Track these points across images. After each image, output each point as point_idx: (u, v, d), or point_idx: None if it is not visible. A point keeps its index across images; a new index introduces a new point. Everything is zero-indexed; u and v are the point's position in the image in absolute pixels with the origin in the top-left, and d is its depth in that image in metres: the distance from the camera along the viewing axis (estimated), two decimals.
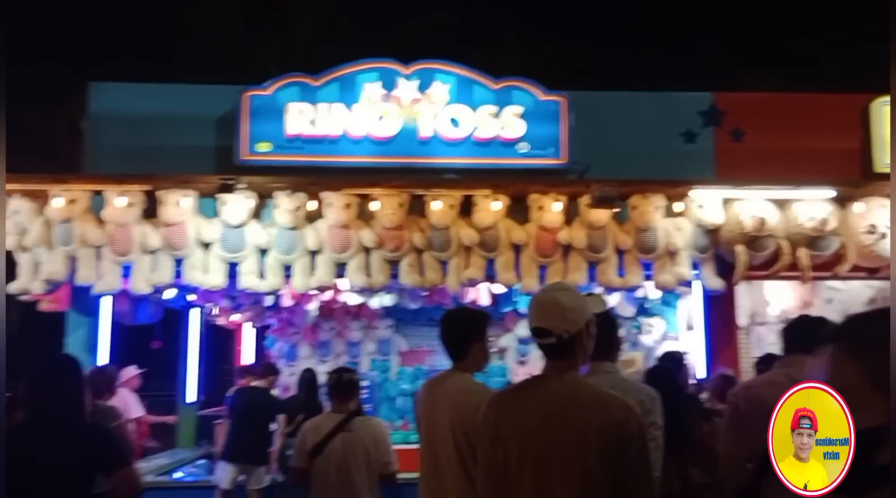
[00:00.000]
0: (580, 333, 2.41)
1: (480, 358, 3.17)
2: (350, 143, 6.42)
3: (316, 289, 6.62)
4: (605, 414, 2.32)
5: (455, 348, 3.13)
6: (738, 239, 6.34)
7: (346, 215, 6.36)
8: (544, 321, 2.39)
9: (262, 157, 6.35)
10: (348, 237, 6.39)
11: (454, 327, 3.19)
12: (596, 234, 6.42)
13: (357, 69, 6.58)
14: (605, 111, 6.68)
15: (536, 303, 2.47)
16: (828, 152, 6.50)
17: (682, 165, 6.55)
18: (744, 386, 3.46)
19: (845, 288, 8.13)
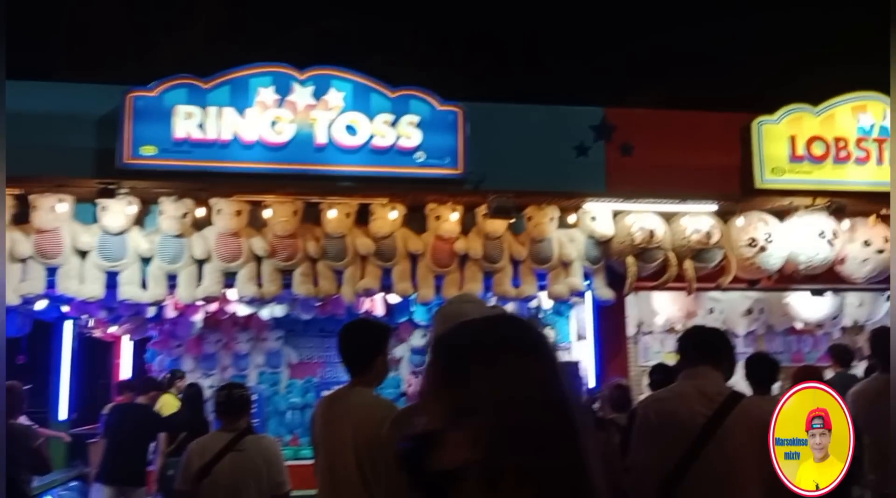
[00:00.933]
0: None
1: (383, 371, 3.07)
2: (241, 148, 6.18)
3: (202, 299, 6.34)
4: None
5: (357, 361, 3.01)
6: (629, 251, 6.49)
7: (237, 223, 6.13)
8: None
9: (147, 161, 6.02)
10: (238, 245, 6.15)
11: (356, 340, 3.07)
12: (492, 245, 6.44)
13: (250, 72, 6.34)
14: (500, 123, 6.70)
15: (443, 315, 2.39)
16: (711, 168, 6.75)
17: (575, 178, 6.65)
18: (654, 398, 3.49)
19: (725, 298, 8.51)
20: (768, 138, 6.65)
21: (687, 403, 3.17)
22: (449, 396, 1.17)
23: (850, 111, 6.73)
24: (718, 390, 3.19)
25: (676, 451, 3.10)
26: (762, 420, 3.15)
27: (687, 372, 3.35)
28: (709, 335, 3.46)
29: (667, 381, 5.03)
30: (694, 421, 3.11)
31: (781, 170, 6.62)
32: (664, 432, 3.17)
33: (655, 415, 3.22)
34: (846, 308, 8.37)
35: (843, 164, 6.65)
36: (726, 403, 3.13)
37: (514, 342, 1.20)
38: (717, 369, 3.28)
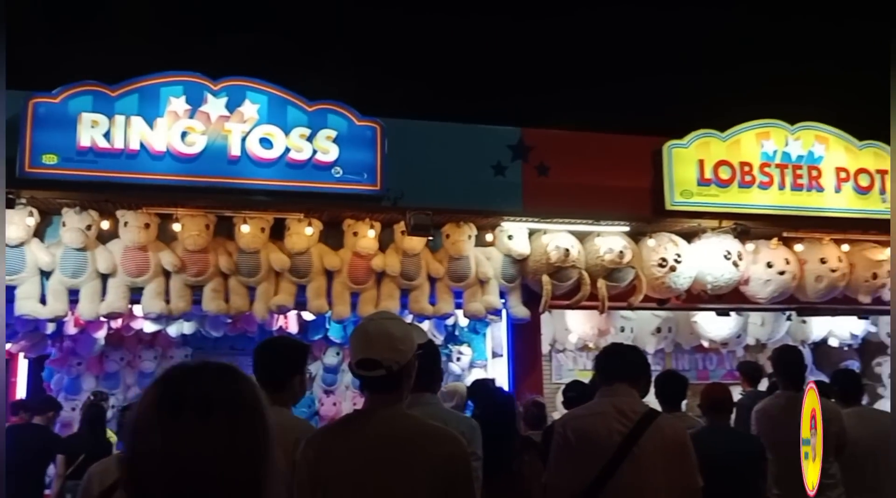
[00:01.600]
0: (409, 364, 2.31)
1: (300, 391, 2.99)
2: (150, 158, 5.96)
3: (105, 316, 6.07)
4: (433, 449, 2.23)
5: (273, 380, 2.91)
6: (544, 269, 6.57)
7: (145, 236, 5.91)
8: (373, 352, 2.26)
9: (49, 170, 5.74)
10: (146, 260, 5.94)
11: (273, 358, 2.97)
12: (409, 262, 6.41)
13: (160, 81, 6.13)
14: (418, 140, 6.69)
15: (364, 333, 2.34)
16: (623, 190, 6.90)
17: (493, 197, 6.69)
18: (571, 416, 3.52)
19: (636, 317, 8.71)
20: (678, 162, 6.85)
21: (604, 421, 3.22)
22: None
23: (754, 137, 7.00)
24: (635, 408, 3.24)
25: (593, 468, 3.14)
26: (676, 438, 3.22)
27: (604, 389, 3.39)
28: (626, 353, 3.52)
29: (581, 398, 5.08)
30: (611, 438, 3.16)
31: (690, 193, 6.83)
32: (582, 450, 3.20)
33: (573, 433, 3.26)
34: (749, 327, 8.68)
35: (748, 189, 6.91)
36: (642, 420, 3.18)
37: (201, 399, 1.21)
38: (634, 387, 3.34)
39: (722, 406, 4.70)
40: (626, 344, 3.88)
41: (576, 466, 3.19)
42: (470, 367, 8.15)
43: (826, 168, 7.11)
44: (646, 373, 3.52)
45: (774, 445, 4.65)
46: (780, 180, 6.99)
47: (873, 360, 9.49)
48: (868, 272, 7.18)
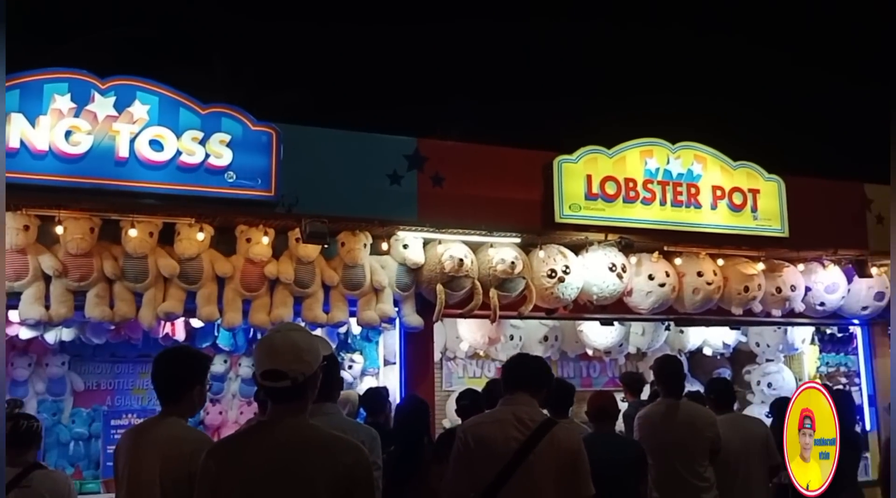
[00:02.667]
0: (314, 375, 2.33)
1: (198, 402, 2.94)
2: (31, 157, 5.68)
3: None
4: (336, 458, 2.26)
5: (171, 391, 2.86)
6: (438, 278, 6.66)
7: (24, 239, 5.64)
8: (279, 363, 2.27)
9: None
10: (25, 263, 5.66)
11: (173, 368, 2.92)
12: (304, 269, 6.36)
13: (44, 77, 5.86)
14: (315, 147, 6.66)
15: (270, 344, 2.34)
16: (515, 202, 7.08)
17: (388, 206, 6.73)
18: (473, 423, 3.61)
19: (524, 326, 8.92)
20: (567, 176, 7.09)
21: (503, 428, 3.33)
22: None
23: (638, 155, 7.34)
24: (533, 417, 3.37)
25: (490, 473, 3.25)
26: (570, 446, 3.36)
27: (506, 398, 3.52)
28: (529, 363, 3.66)
29: (474, 405, 5.20)
30: (508, 445, 3.27)
31: (578, 206, 7.08)
32: (480, 455, 3.30)
33: (473, 439, 3.35)
34: (631, 336, 9.05)
35: (632, 204, 7.23)
36: (539, 428, 3.30)
37: None
38: (535, 396, 3.47)
39: (608, 414, 4.91)
40: (530, 354, 4.01)
41: (474, 471, 3.29)
42: (362, 375, 8.14)
43: (704, 186, 7.53)
44: (547, 383, 3.67)
45: (655, 451, 4.89)
46: (662, 197, 7.35)
47: (743, 368, 10.08)
48: (740, 285, 7.63)
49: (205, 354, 3.18)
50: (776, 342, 9.53)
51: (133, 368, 8.52)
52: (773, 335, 9.52)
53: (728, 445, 5.11)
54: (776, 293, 7.83)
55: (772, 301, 7.87)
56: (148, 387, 8.43)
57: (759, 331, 9.55)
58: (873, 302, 8.34)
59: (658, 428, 4.98)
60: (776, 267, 7.96)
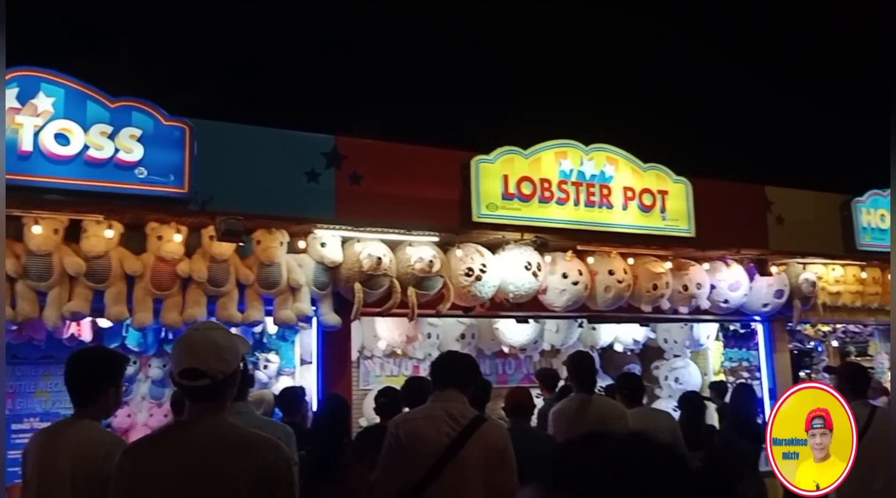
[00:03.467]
0: (233, 373, 2.31)
1: (113, 404, 2.86)
2: None
3: None
4: (256, 457, 2.25)
5: (84, 392, 2.77)
6: (356, 277, 6.64)
7: None
8: (198, 362, 2.24)
9: None
10: None
11: (87, 369, 2.83)
12: (218, 268, 6.23)
13: None
14: (230, 143, 6.54)
15: (189, 342, 2.30)
16: (433, 201, 7.13)
17: (306, 203, 6.67)
18: (404, 418, 3.68)
19: (442, 324, 9.00)
20: (484, 176, 7.18)
21: (435, 424, 3.39)
22: None
23: (553, 156, 7.49)
24: (464, 413, 3.44)
25: (421, 469, 3.29)
26: (499, 442, 3.45)
27: (437, 394, 3.58)
28: (459, 361, 3.74)
29: (393, 403, 5.21)
30: (440, 441, 3.33)
31: (495, 206, 7.18)
32: (412, 451, 3.34)
33: (405, 434, 3.39)
34: (545, 334, 9.25)
35: (547, 204, 7.37)
36: (470, 425, 3.36)
37: None
38: (464, 393, 3.54)
39: (524, 409, 5.01)
40: (460, 352, 4.09)
41: (404, 466, 3.33)
42: (278, 374, 8.06)
43: (615, 187, 7.74)
44: (476, 380, 3.75)
45: None
46: (576, 197, 7.52)
47: (652, 363, 10.43)
48: (649, 283, 7.88)
49: (122, 354, 3.09)
50: (683, 338, 9.90)
51: (35, 370, 8.20)
52: (680, 332, 9.88)
53: None
54: (683, 291, 8.12)
55: (679, 299, 8.16)
56: (51, 389, 8.11)
57: (667, 327, 9.90)
58: (773, 299, 8.74)
59: (571, 422, 5.10)
60: (683, 266, 8.25)
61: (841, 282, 9.31)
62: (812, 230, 9.07)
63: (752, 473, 6.56)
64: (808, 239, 8.97)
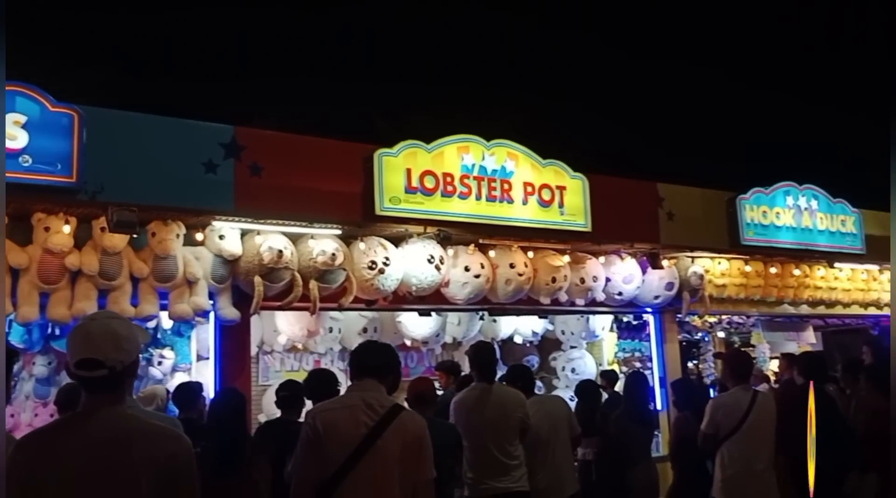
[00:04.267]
0: (133, 364, 2.25)
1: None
2: None
3: None
4: (157, 448, 2.20)
5: None
6: (256, 270, 6.52)
7: None
8: (96, 352, 2.17)
9: None
10: None
11: None
12: (109, 261, 6.01)
13: None
14: (123, 132, 6.28)
15: (86, 332, 2.23)
16: (336, 194, 7.05)
17: (203, 195, 6.48)
18: (322, 408, 3.64)
19: (344, 318, 8.96)
20: (388, 169, 7.16)
21: (353, 414, 3.41)
22: None
23: (455, 150, 7.55)
24: (382, 402, 3.47)
25: (339, 458, 3.31)
26: (416, 431, 3.51)
27: (354, 384, 3.65)
28: (376, 351, 3.80)
29: (294, 396, 5.16)
30: (358, 430, 3.35)
31: (398, 199, 7.18)
32: (329, 441, 3.35)
33: (322, 424, 3.41)
34: (447, 326, 9.33)
35: (450, 198, 7.43)
36: (388, 414, 3.39)
37: None
38: (382, 383, 3.59)
39: (426, 398, 5.06)
40: (378, 342, 4.14)
41: (323, 456, 3.34)
42: (173, 371, 7.82)
43: (516, 182, 7.87)
44: (394, 370, 3.79)
45: (470, 433, 5.10)
46: (478, 191, 7.61)
47: (549, 355, 10.70)
48: (548, 276, 8.08)
49: (12, 348, 2.95)
50: (579, 330, 10.20)
51: None
52: (576, 323, 10.17)
53: (537, 423, 5.44)
54: (580, 283, 8.36)
55: (576, 291, 8.39)
56: None
57: (564, 319, 10.17)
58: (664, 291, 9.11)
59: (472, 411, 5.19)
60: (580, 259, 8.49)
61: (726, 275, 9.79)
62: (700, 226, 9.48)
63: (646, 458, 6.84)
64: (696, 234, 9.38)
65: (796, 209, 10.27)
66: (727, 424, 5.38)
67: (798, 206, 10.30)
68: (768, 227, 9.92)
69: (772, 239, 9.94)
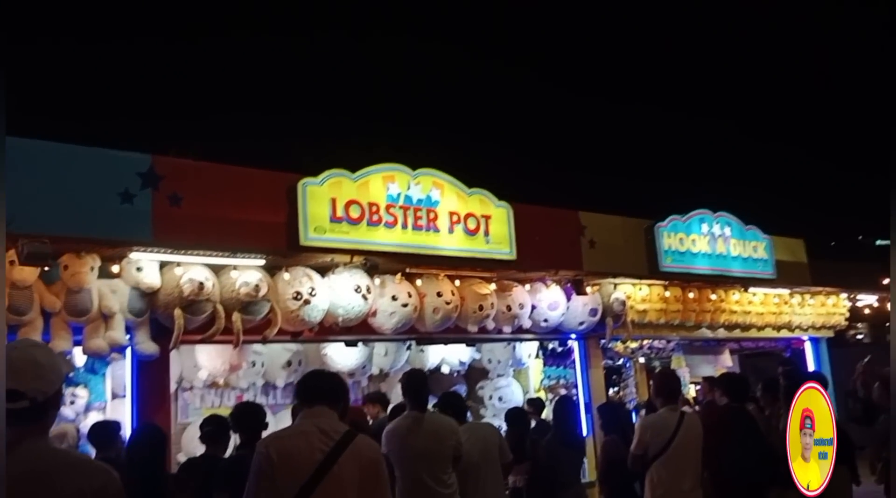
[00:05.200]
0: (56, 395, 2.12)
1: None
2: None
3: None
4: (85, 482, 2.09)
5: None
6: (176, 303, 6.32)
7: None
8: (17, 382, 2.04)
9: None
10: None
11: None
12: (19, 295, 5.72)
13: None
14: (35, 161, 6.02)
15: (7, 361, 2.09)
16: (259, 224, 6.91)
17: (120, 226, 6.25)
18: (275, 436, 3.59)
19: (266, 351, 8.76)
20: (312, 199, 7.08)
21: (307, 440, 3.40)
22: None
23: (381, 180, 7.53)
24: (335, 428, 3.47)
25: (295, 486, 3.28)
26: (372, 456, 3.51)
27: (306, 411, 3.57)
28: (326, 377, 3.82)
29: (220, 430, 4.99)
30: (313, 456, 3.34)
31: (323, 229, 7.09)
32: (284, 469, 3.31)
33: (276, 452, 3.39)
34: (374, 357, 9.23)
35: (376, 227, 7.38)
36: (343, 439, 3.39)
37: None
38: (333, 409, 3.59)
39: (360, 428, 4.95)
40: (325, 370, 4.19)
41: (278, 485, 3.28)
42: (86, 410, 7.47)
43: (441, 211, 7.89)
44: (345, 397, 3.81)
45: (402, 461, 5.03)
46: (404, 220, 7.59)
47: (477, 384, 10.69)
48: (476, 304, 8.09)
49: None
50: (506, 358, 10.24)
51: None
52: (503, 351, 10.22)
53: (469, 450, 5.41)
54: (507, 311, 8.40)
55: (503, 318, 8.43)
56: None
57: (490, 347, 10.20)
58: (588, 317, 9.24)
59: (405, 440, 5.11)
60: (506, 287, 8.55)
61: (647, 300, 10.01)
62: (621, 253, 9.70)
63: (576, 482, 6.87)
64: (617, 261, 9.58)
65: (711, 236, 10.63)
66: (656, 443, 5.45)
67: (713, 233, 10.66)
68: (685, 254, 10.23)
69: (689, 265, 10.24)
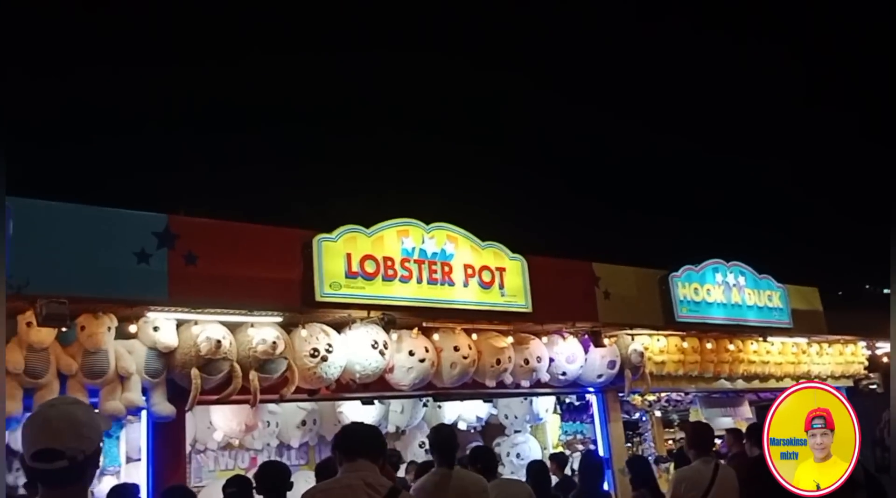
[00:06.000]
0: (95, 453, 2.04)
1: None
2: None
3: None
4: None
5: None
6: (193, 362, 6.24)
7: None
8: (55, 441, 1.96)
9: None
10: None
11: None
12: (36, 358, 5.66)
13: None
14: (52, 222, 6.04)
15: (44, 420, 2.02)
16: (274, 281, 6.89)
17: (136, 285, 6.23)
18: (322, 488, 3.58)
19: (281, 411, 8.62)
20: (327, 255, 7.06)
21: (355, 494, 3.40)
22: None
23: (395, 234, 7.52)
24: (381, 482, 3.50)
25: None
26: None
27: (347, 465, 3.54)
28: (367, 430, 3.84)
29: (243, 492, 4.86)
30: None
31: (339, 284, 7.05)
32: None
33: None
34: (390, 415, 9.07)
35: (391, 282, 7.34)
36: (389, 494, 3.41)
37: None
38: (375, 463, 3.59)
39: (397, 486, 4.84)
40: (364, 423, 4.17)
41: None
42: (100, 475, 7.30)
43: (456, 264, 7.86)
44: (384, 451, 3.81)
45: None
46: (419, 275, 7.55)
47: (493, 441, 10.49)
48: (493, 358, 7.99)
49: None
50: (523, 413, 10.06)
51: None
52: (520, 406, 10.04)
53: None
54: (524, 364, 8.29)
55: (521, 372, 8.31)
56: None
57: (507, 403, 10.03)
58: (607, 370, 9.11)
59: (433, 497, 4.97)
60: (523, 340, 8.45)
61: (664, 352, 9.88)
62: (635, 303, 9.62)
63: None
64: (632, 312, 9.50)
65: (725, 285, 10.55)
66: (691, 497, 5.30)
67: (727, 282, 10.59)
68: (700, 304, 10.14)
69: (705, 315, 10.15)
